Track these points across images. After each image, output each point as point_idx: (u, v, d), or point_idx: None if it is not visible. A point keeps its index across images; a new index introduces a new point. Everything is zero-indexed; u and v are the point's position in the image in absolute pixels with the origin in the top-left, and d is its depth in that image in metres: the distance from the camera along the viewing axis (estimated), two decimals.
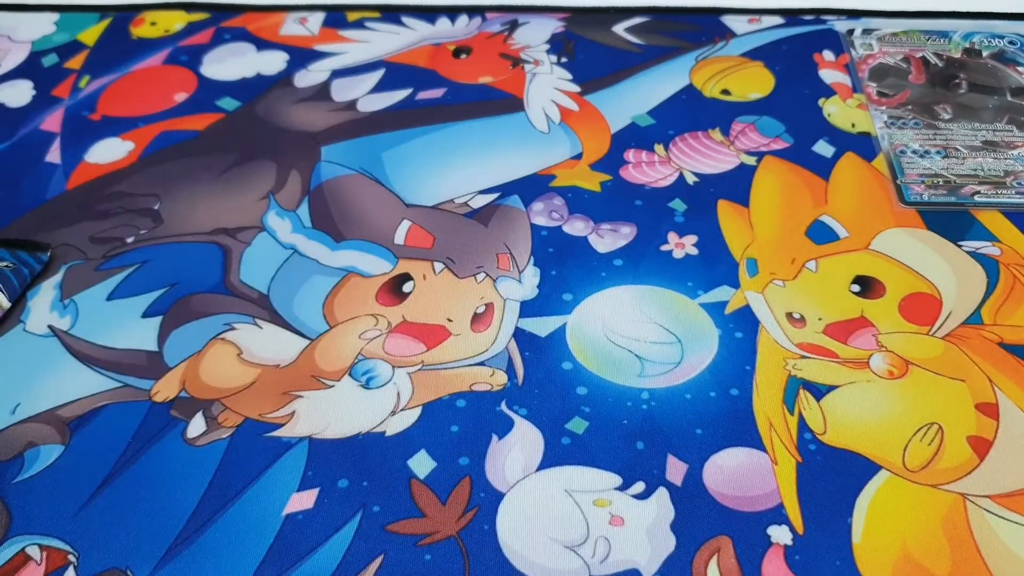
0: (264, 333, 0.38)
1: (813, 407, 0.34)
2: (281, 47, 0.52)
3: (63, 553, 0.31)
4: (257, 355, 0.37)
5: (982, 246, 0.39)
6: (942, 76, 0.48)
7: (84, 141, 0.47)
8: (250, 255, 0.41)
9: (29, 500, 0.33)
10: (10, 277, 0.38)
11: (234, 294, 0.39)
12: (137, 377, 0.36)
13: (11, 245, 0.40)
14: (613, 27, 0.52)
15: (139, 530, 0.31)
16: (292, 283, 0.39)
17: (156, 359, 0.37)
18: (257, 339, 0.37)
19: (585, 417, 0.34)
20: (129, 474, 0.33)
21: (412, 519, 0.31)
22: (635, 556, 0.30)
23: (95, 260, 0.41)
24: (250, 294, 0.39)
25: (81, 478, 0.33)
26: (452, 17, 0.53)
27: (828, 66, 0.49)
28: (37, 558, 0.31)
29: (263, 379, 0.36)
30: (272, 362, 0.37)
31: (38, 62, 0.52)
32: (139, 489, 0.33)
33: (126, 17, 0.54)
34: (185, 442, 0.34)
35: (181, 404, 0.35)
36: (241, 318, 0.38)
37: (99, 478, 0.33)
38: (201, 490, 0.33)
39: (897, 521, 0.31)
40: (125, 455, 0.34)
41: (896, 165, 0.43)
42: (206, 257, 0.40)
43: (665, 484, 0.32)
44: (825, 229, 0.41)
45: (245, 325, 0.38)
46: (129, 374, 0.37)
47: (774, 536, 0.31)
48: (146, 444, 0.34)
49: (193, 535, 0.32)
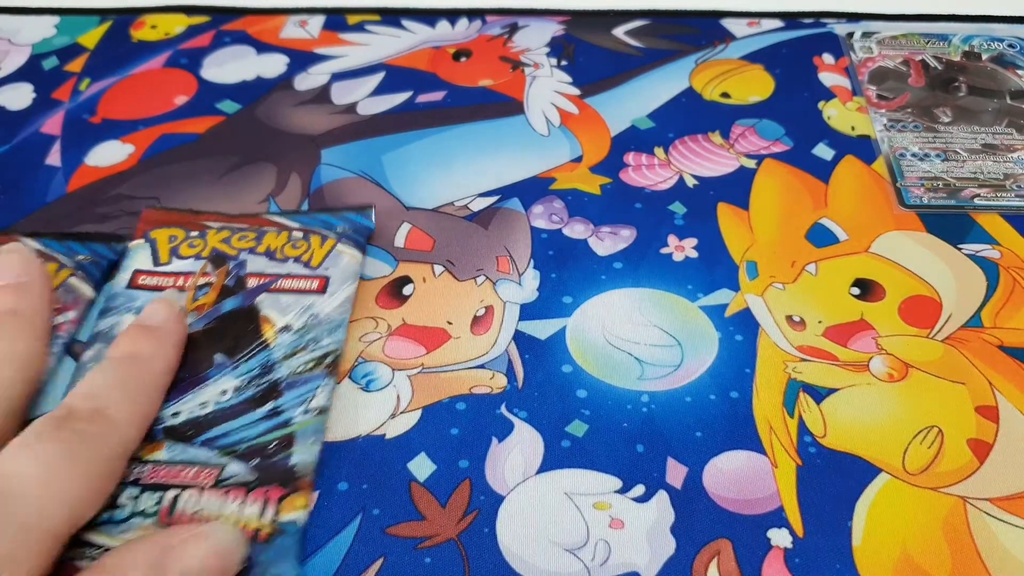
0: None
1: (813, 410, 0.34)
2: (281, 50, 0.52)
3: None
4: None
5: (982, 249, 0.40)
6: (942, 79, 0.48)
7: (84, 144, 0.47)
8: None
9: None
10: (90, 269, 0.38)
11: None
12: None
13: (83, 238, 0.40)
14: (613, 30, 0.52)
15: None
16: None
17: None
18: None
19: (585, 420, 0.34)
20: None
21: (412, 522, 0.31)
22: (635, 559, 0.30)
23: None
24: None
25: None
26: (452, 20, 0.53)
27: (828, 69, 0.49)
28: None
29: None
30: None
31: (38, 65, 0.52)
32: None
33: (126, 20, 0.54)
34: None
35: None
36: None
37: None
38: None
39: (897, 524, 0.31)
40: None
41: (896, 168, 0.43)
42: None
43: (665, 487, 0.32)
44: (825, 232, 0.41)
45: None
46: None
47: (774, 539, 0.31)
48: None
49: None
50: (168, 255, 0.37)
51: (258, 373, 0.33)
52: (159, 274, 0.37)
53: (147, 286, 0.36)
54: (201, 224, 0.39)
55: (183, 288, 0.36)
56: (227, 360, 0.34)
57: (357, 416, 0.35)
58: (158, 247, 0.38)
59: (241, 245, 0.37)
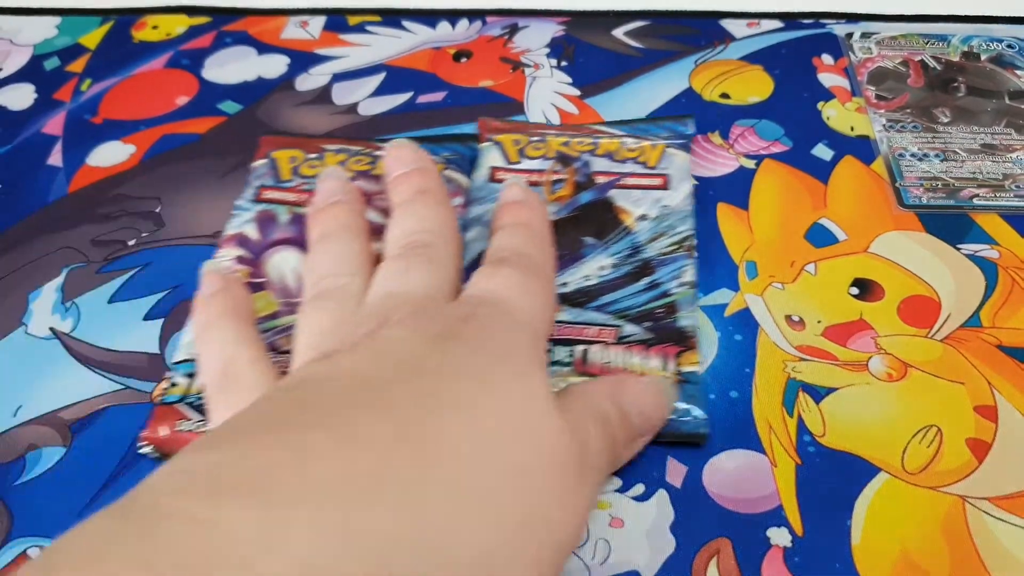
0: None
1: (812, 409, 0.34)
2: (282, 51, 0.52)
3: None
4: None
5: (981, 249, 0.40)
6: (941, 80, 0.48)
7: (86, 144, 0.47)
8: None
9: (31, 502, 0.33)
10: (458, 162, 0.42)
11: None
12: (139, 379, 0.36)
13: (439, 140, 0.44)
14: (613, 31, 0.52)
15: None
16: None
17: (158, 361, 0.37)
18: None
19: None
20: (131, 476, 0.33)
21: None
22: (635, 558, 0.30)
23: (97, 263, 0.41)
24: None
25: (83, 480, 0.33)
26: (453, 21, 0.53)
27: (827, 70, 0.49)
28: None
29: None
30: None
31: (40, 65, 0.52)
32: None
33: (128, 21, 0.54)
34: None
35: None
36: None
37: (101, 480, 0.33)
38: None
39: (896, 523, 0.31)
40: (127, 457, 0.34)
41: (895, 168, 0.43)
42: (208, 259, 0.41)
43: (665, 486, 0.32)
44: (824, 232, 0.41)
45: None
46: (131, 376, 0.37)
47: (773, 538, 0.31)
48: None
49: None
50: (517, 155, 0.42)
51: (628, 253, 0.38)
52: (514, 171, 0.41)
53: (505, 179, 0.41)
54: (538, 131, 0.43)
55: (538, 183, 0.41)
56: (597, 242, 0.38)
57: None
58: (505, 149, 0.42)
59: (580, 148, 0.42)
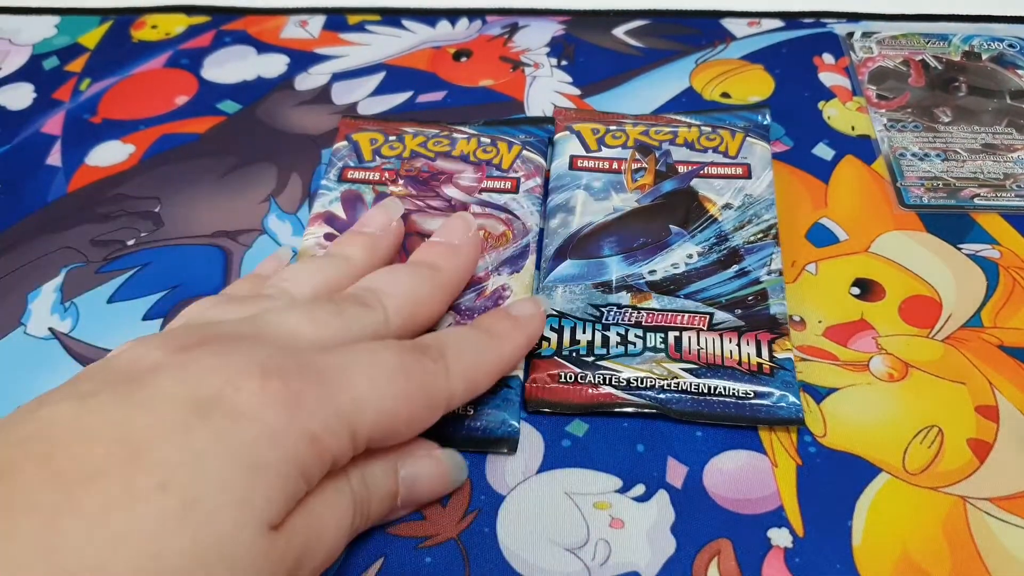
0: None
1: (813, 410, 0.34)
2: (282, 50, 0.52)
3: None
4: None
5: (982, 249, 0.40)
6: (942, 79, 0.48)
7: (85, 144, 0.47)
8: (251, 258, 0.41)
9: None
10: (535, 144, 0.43)
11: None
12: None
13: (515, 123, 0.45)
14: (613, 30, 0.52)
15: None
16: None
17: None
18: None
19: (585, 419, 0.34)
20: None
21: (412, 521, 0.31)
22: (635, 559, 0.30)
23: (96, 263, 0.41)
24: None
25: None
26: (452, 20, 0.53)
27: (828, 69, 0.49)
28: None
29: None
30: None
31: (39, 65, 0.52)
32: None
33: (127, 20, 0.54)
34: None
35: None
36: None
37: None
38: None
39: (897, 524, 0.31)
40: None
41: (896, 168, 0.43)
42: (207, 260, 0.41)
43: (665, 486, 0.32)
44: (825, 232, 0.41)
45: None
46: None
47: (774, 539, 0.31)
48: None
49: None
50: (596, 144, 0.42)
51: (715, 241, 0.38)
52: (593, 158, 0.42)
53: (586, 168, 0.42)
54: (615, 120, 0.44)
55: (618, 171, 0.41)
56: (682, 231, 0.38)
57: None
58: (584, 138, 0.43)
59: (659, 138, 0.42)
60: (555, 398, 0.34)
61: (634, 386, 0.34)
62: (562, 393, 0.34)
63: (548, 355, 0.35)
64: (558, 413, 0.34)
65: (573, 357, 0.35)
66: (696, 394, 0.33)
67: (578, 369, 0.34)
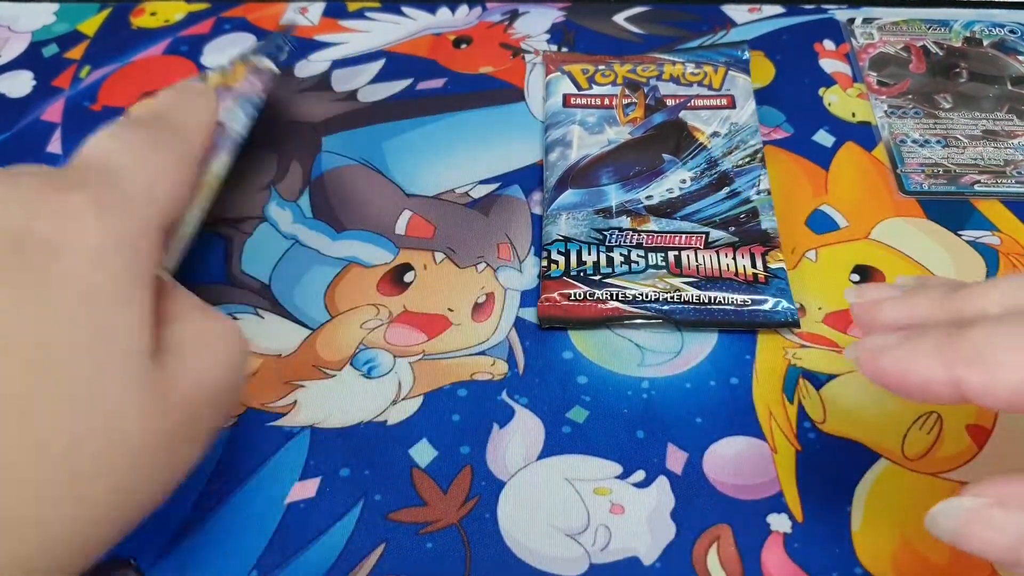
0: (265, 323, 0.38)
1: (812, 396, 0.34)
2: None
3: None
4: (258, 345, 0.37)
5: (982, 235, 0.40)
6: (942, 65, 0.47)
7: (85, 131, 0.46)
8: (251, 245, 0.41)
9: None
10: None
11: (235, 284, 0.39)
12: None
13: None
14: (613, 16, 0.52)
15: (143, 520, 0.32)
16: (293, 273, 0.39)
17: None
18: (258, 329, 0.37)
19: (585, 406, 0.34)
20: None
21: (413, 507, 0.32)
22: (635, 544, 0.31)
23: None
24: (252, 284, 0.39)
25: None
26: (452, 7, 0.53)
27: (828, 55, 0.49)
28: None
29: (264, 369, 0.36)
30: (273, 352, 0.37)
31: (38, 52, 0.52)
32: None
33: (126, 7, 0.54)
34: None
35: None
36: (242, 308, 0.38)
37: None
38: (204, 479, 0.33)
39: (896, 509, 0.31)
40: None
41: (896, 154, 0.43)
42: (207, 247, 0.41)
43: (665, 472, 0.32)
44: (825, 218, 0.41)
45: (246, 315, 0.38)
46: None
47: (773, 524, 0.31)
48: None
49: (196, 524, 0.32)
50: (587, 83, 0.45)
51: (706, 167, 0.40)
52: (585, 95, 0.44)
53: (579, 104, 0.44)
54: (604, 61, 0.46)
55: (610, 106, 0.43)
56: (675, 158, 0.41)
57: (359, 403, 0.35)
58: (575, 77, 0.45)
59: (646, 75, 0.45)
60: (567, 315, 0.36)
61: (639, 300, 0.36)
62: (573, 310, 0.36)
63: (557, 276, 0.37)
64: (571, 327, 0.37)
65: (581, 277, 0.37)
66: (698, 304, 0.36)
67: (586, 287, 0.36)
